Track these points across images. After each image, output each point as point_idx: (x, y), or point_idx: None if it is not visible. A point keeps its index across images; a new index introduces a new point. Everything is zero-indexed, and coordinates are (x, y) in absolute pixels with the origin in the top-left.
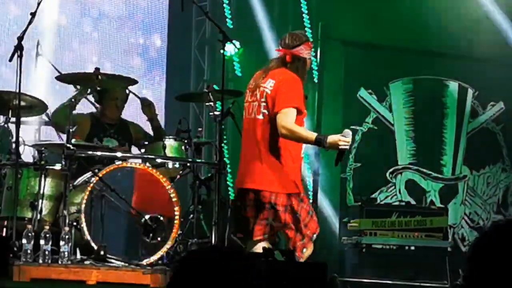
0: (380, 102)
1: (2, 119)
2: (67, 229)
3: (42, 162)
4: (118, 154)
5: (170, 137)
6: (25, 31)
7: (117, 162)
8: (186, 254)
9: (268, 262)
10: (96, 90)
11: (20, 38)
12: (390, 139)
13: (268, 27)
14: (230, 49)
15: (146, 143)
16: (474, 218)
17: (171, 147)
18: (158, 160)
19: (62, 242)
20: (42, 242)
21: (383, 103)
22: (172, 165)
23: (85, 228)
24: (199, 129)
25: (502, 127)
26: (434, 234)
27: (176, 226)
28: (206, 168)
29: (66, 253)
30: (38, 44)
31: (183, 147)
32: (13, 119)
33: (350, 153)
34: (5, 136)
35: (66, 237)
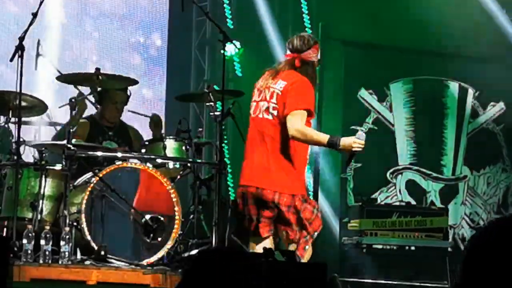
0: (380, 102)
1: (2, 119)
2: (68, 229)
3: (43, 162)
4: (119, 154)
5: (170, 137)
6: (26, 31)
7: (117, 162)
8: (197, 255)
9: (268, 262)
10: (96, 91)
11: (21, 38)
12: (391, 139)
13: (268, 27)
14: (230, 49)
15: (146, 143)
16: (475, 218)
17: (172, 148)
18: (159, 160)
19: (62, 242)
20: (42, 242)
21: (384, 103)
22: (172, 165)
23: (85, 228)
24: (200, 129)
25: (502, 127)
26: (435, 234)
27: (176, 226)
28: (207, 168)
29: (67, 253)
30: (39, 44)
31: (184, 147)
32: (13, 119)
33: None
34: (5, 136)
35: (67, 237)
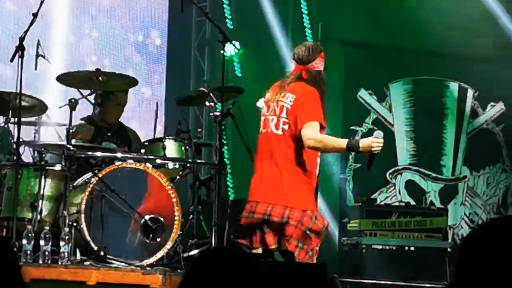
0: (380, 102)
1: (2, 120)
2: (67, 229)
3: (42, 163)
4: (118, 155)
5: (170, 137)
6: (26, 31)
7: (117, 163)
8: (198, 255)
9: (267, 262)
10: (99, 94)
11: (21, 39)
12: (390, 140)
13: (268, 28)
14: (230, 49)
15: (146, 144)
16: (474, 218)
17: (171, 148)
18: (158, 160)
19: (62, 243)
20: (42, 242)
21: (383, 104)
22: (172, 165)
23: (85, 228)
24: (199, 129)
25: (502, 128)
26: (434, 234)
27: (176, 226)
28: (206, 168)
29: (66, 253)
30: (39, 44)
31: (183, 148)
32: (13, 120)
33: (350, 153)
34: (5, 136)
35: (66, 237)
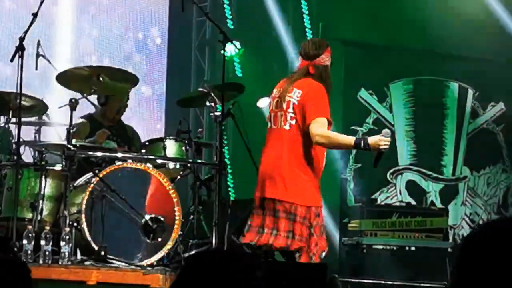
0: (380, 102)
1: (2, 120)
2: (68, 229)
3: (43, 163)
4: (119, 155)
5: (171, 137)
6: (26, 31)
7: (117, 163)
8: (190, 256)
9: (268, 262)
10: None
11: (21, 39)
12: (391, 140)
13: (268, 28)
14: (230, 49)
15: (146, 144)
16: (475, 218)
17: (172, 148)
18: (159, 160)
19: (62, 243)
20: (42, 242)
21: (384, 104)
22: (172, 165)
23: (85, 228)
24: (200, 129)
25: (502, 128)
26: (435, 234)
27: (176, 226)
28: (207, 168)
29: (67, 253)
30: (39, 44)
31: (184, 148)
32: (13, 120)
33: (350, 153)
34: (5, 136)
35: (67, 237)
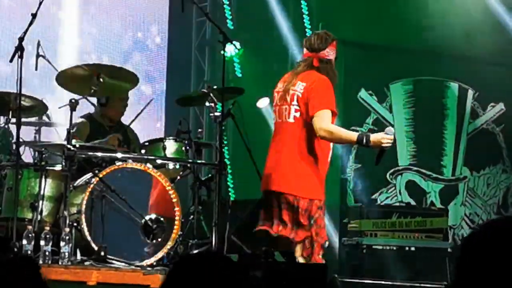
0: (380, 103)
1: (2, 120)
2: (68, 230)
3: (42, 163)
4: (119, 155)
5: (171, 138)
6: (26, 32)
7: (117, 163)
8: (179, 258)
9: (268, 262)
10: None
11: (20, 39)
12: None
13: (268, 28)
14: (230, 50)
15: (146, 144)
16: (474, 219)
17: (172, 148)
18: (159, 161)
19: (62, 243)
20: (42, 243)
21: (383, 104)
22: (172, 166)
23: (85, 229)
24: (200, 130)
25: (502, 128)
26: (434, 235)
27: (176, 227)
28: (207, 169)
29: (67, 254)
30: (39, 44)
31: (184, 148)
32: (13, 120)
33: (350, 153)
34: (5, 137)
35: (67, 238)
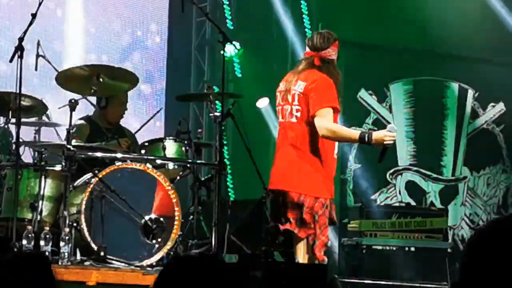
0: (380, 102)
1: (2, 120)
2: (67, 230)
3: (42, 163)
4: (118, 155)
5: (170, 138)
6: (25, 32)
7: (117, 163)
8: (171, 259)
9: (268, 263)
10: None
11: (20, 39)
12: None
13: (268, 28)
14: (230, 50)
15: (146, 144)
16: (474, 219)
17: (172, 149)
18: (158, 161)
19: (62, 243)
20: (42, 243)
21: (383, 104)
22: (172, 166)
23: (85, 229)
24: (199, 130)
25: (502, 128)
26: (434, 235)
27: (176, 227)
28: (206, 169)
29: (66, 254)
30: (39, 44)
31: (183, 148)
32: (13, 120)
33: (350, 153)
34: (5, 137)
35: (66, 238)
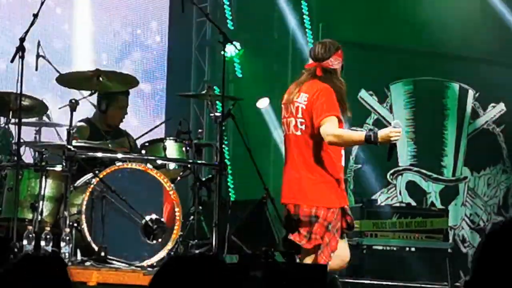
0: (380, 103)
1: (3, 120)
2: (68, 230)
3: (43, 163)
4: (119, 156)
5: (171, 138)
6: (27, 32)
7: (117, 163)
8: (168, 260)
9: (268, 263)
10: (103, 100)
11: (21, 39)
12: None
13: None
14: (230, 50)
15: (146, 144)
16: (475, 219)
17: (172, 149)
18: (159, 161)
19: (62, 243)
20: (42, 243)
21: (384, 104)
22: (172, 166)
23: (85, 229)
24: (200, 130)
25: (502, 129)
26: (435, 235)
27: (177, 227)
28: (207, 169)
29: (67, 254)
30: (39, 45)
31: (184, 149)
32: (13, 120)
33: (350, 154)
34: (6, 137)
35: (67, 238)
